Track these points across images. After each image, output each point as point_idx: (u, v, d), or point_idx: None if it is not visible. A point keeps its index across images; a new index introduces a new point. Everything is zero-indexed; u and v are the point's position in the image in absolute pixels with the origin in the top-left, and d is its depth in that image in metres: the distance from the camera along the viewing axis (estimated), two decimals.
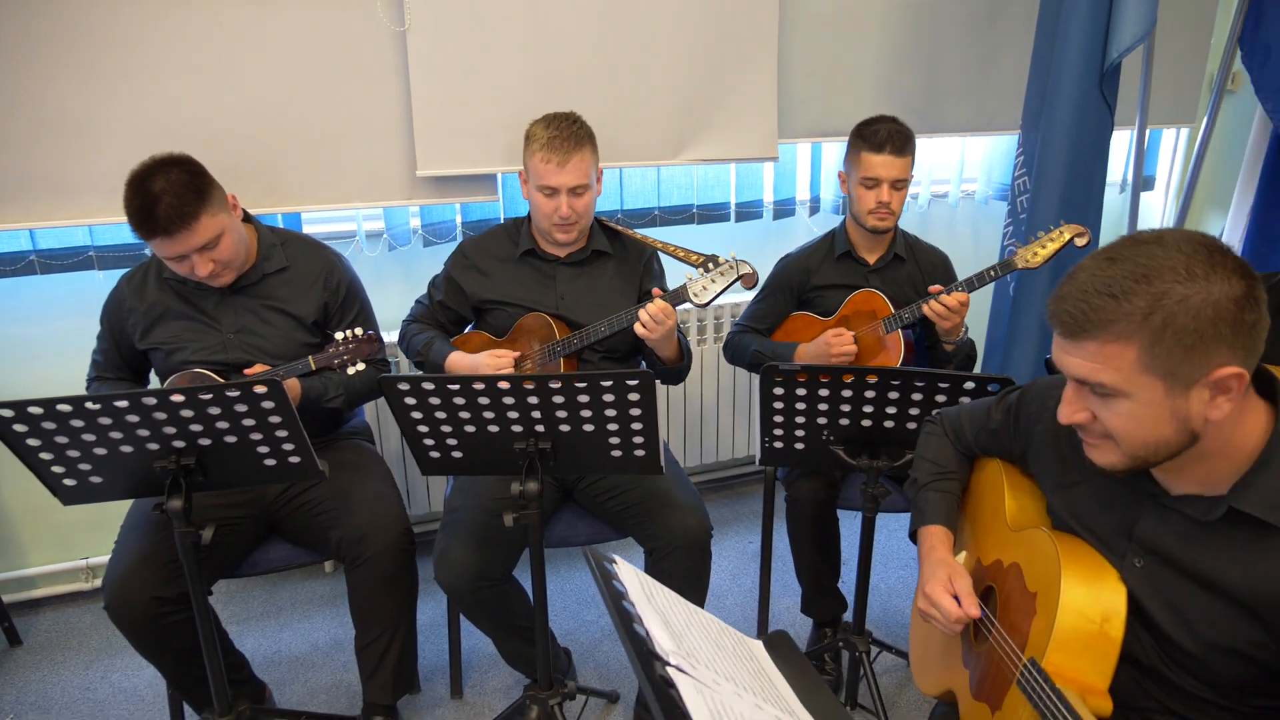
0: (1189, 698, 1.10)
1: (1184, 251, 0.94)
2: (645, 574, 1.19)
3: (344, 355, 1.86)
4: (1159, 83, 3.03)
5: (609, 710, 2.22)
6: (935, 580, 1.29)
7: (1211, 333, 0.93)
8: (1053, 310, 1.02)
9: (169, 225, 1.74)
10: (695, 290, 1.96)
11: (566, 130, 1.97)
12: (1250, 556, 1.01)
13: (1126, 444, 1.02)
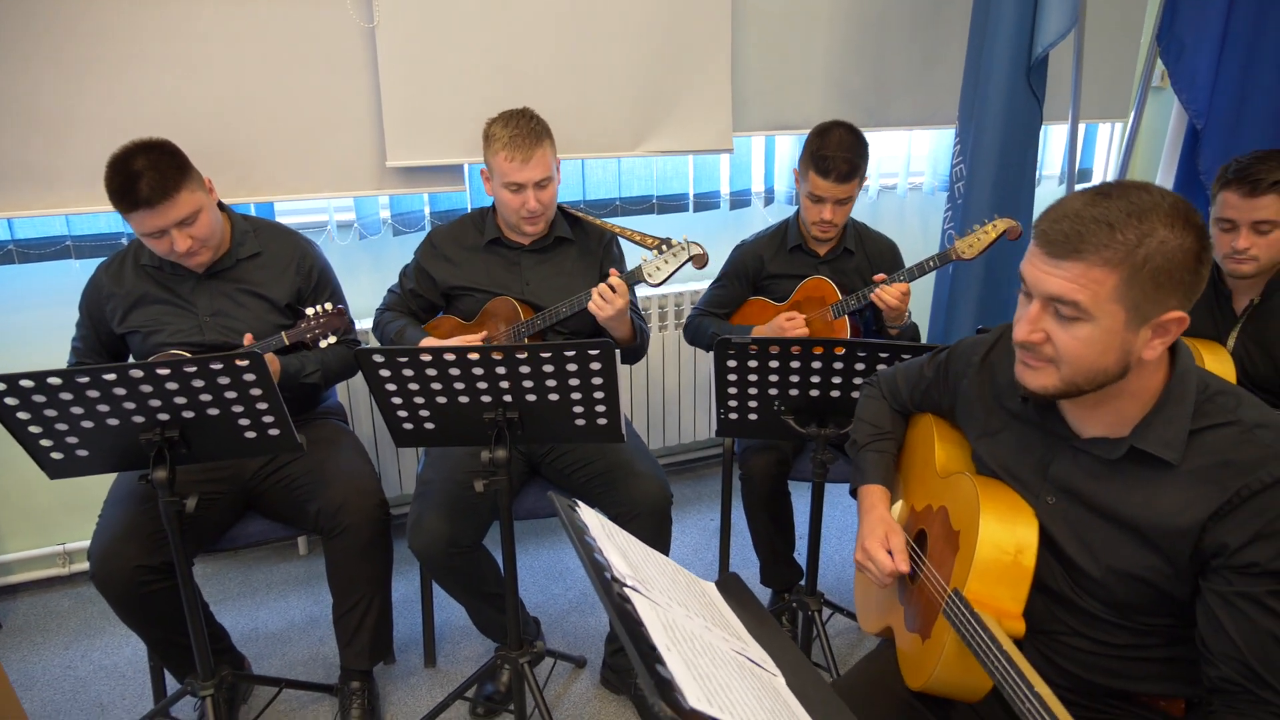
0: (1092, 619, 1.23)
1: (1169, 201, 1.05)
2: (605, 518, 1.31)
3: (316, 330, 1.95)
4: (1093, 80, 3.21)
5: (576, 675, 2.33)
6: (873, 537, 1.40)
7: (1176, 277, 1.04)
8: (1043, 229, 1.09)
9: (151, 197, 1.82)
10: (649, 271, 2.07)
11: (526, 128, 2.06)
12: (1149, 491, 1.13)
13: (1069, 368, 1.11)
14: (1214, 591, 1.09)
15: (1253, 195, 1.82)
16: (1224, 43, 2.35)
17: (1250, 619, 1.06)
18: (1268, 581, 1.05)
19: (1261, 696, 1.05)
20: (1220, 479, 1.08)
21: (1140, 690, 1.25)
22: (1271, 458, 1.06)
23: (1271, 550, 1.04)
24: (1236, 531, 1.06)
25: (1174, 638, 1.17)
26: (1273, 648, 1.05)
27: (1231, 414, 1.11)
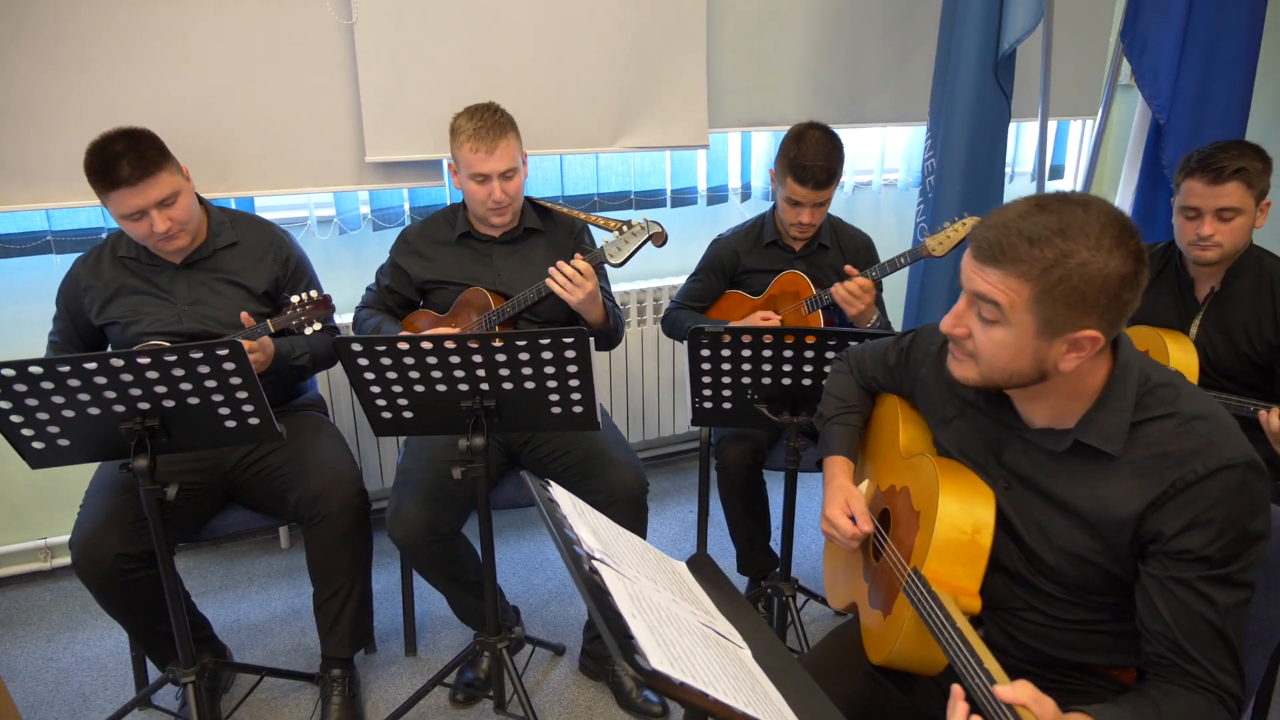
0: (1047, 597, 1.28)
1: (1101, 222, 1.06)
2: (576, 497, 1.34)
3: (301, 317, 1.98)
4: (1063, 78, 3.27)
5: (556, 662, 2.36)
6: (834, 504, 1.45)
7: (1093, 300, 1.06)
8: (977, 234, 1.13)
9: (132, 175, 1.85)
10: (611, 252, 2.11)
11: (490, 120, 2.10)
12: (1094, 481, 1.18)
13: (985, 366, 1.16)
14: (1151, 575, 1.14)
15: (1216, 183, 1.87)
16: (1185, 39, 2.41)
17: (1183, 601, 1.10)
18: (1200, 567, 1.09)
19: (1188, 670, 1.10)
20: (1158, 470, 1.12)
21: (1094, 661, 1.29)
22: (1205, 449, 1.10)
23: (1204, 538, 1.09)
24: (1172, 520, 1.10)
25: (1122, 614, 1.22)
26: (1201, 627, 1.10)
27: (1171, 406, 1.14)
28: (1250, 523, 1.09)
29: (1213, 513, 1.08)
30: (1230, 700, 1.10)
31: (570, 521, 1.22)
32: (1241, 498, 1.08)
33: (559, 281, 2.06)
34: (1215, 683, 1.09)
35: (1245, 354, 1.97)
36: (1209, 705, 1.09)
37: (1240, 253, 1.96)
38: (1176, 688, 1.11)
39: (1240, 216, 1.89)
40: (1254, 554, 1.10)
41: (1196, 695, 1.09)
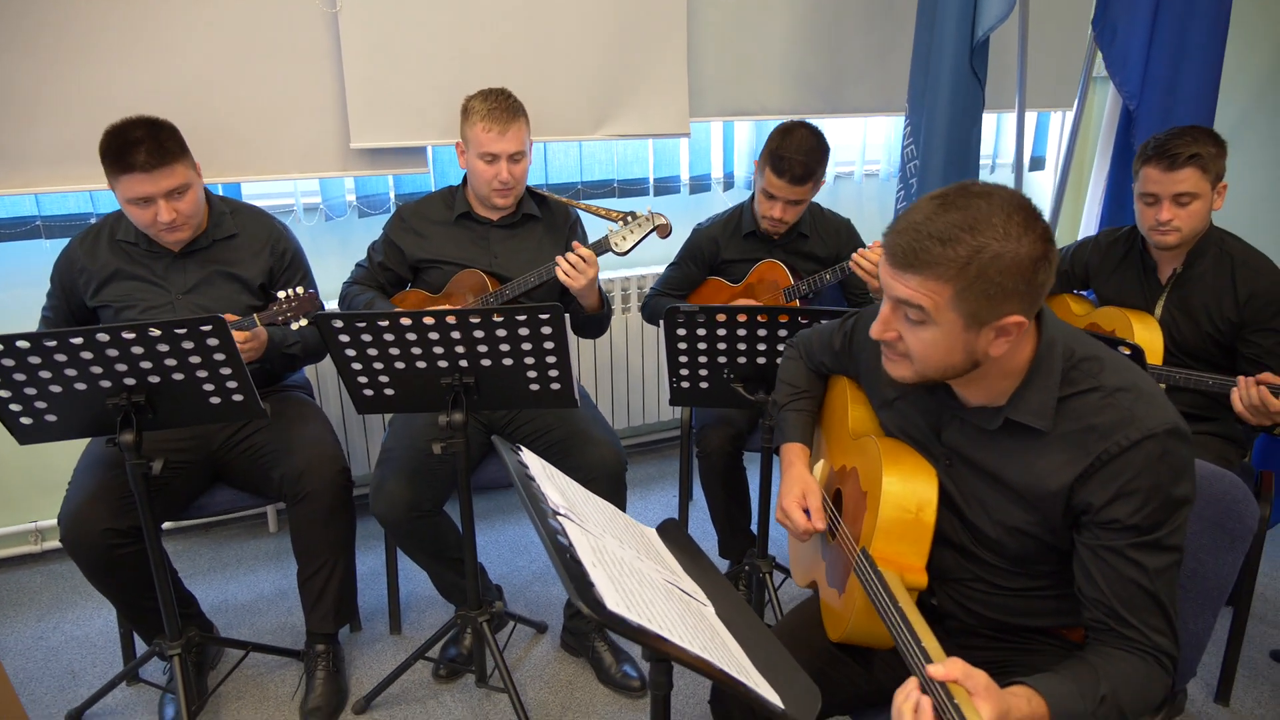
0: (992, 568, 1.32)
1: (1005, 211, 1.09)
2: (548, 463, 1.39)
3: (287, 312, 2.01)
4: (1041, 69, 3.33)
5: (538, 639, 2.41)
6: (790, 496, 1.47)
7: (1010, 287, 1.09)
8: (889, 241, 1.14)
9: (148, 163, 1.89)
10: (615, 241, 2.15)
11: (504, 103, 2.16)
12: (1026, 457, 1.21)
13: (920, 364, 1.19)
14: (1084, 545, 1.18)
15: (1171, 169, 1.92)
16: (1154, 26, 2.46)
17: (1115, 569, 1.15)
18: (1129, 535, 1.13)
19: (1125, 634, 1.15)
20: (1084, 443, 1.16)
21: (1041, 624, 1.34)
22: (1128, 421, 1.13)
23: (1130, 507, 1.12)
24: (1100, 491, 1.14)
25: (1063, 580, 1.26)
26: (1134, 592, 1.14)
27: (1095, 380, 1.17)
28: (1173, 489, 1.12)
29: (1137, 483, 1.12)
30: (1165, 659, 1.14)
31: (539, 483, 1.27)
32: (1164, 466, 1.12)
33: (565, 269, 2.10)
34: (1151, 644, 1.14)
35: (1208, 333, 2.02)
36: (1145, 666, 1.13)
37: (1200, 235, 2.01)
38: (1115, 651, 1.15)
39: (1197, 201, 1.93)
40: (1179, 518, 1.14)
41: (1134, 657, 1.14)
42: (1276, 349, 1.94)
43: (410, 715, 2.12)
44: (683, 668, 1.07)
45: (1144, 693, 1.12)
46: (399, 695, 2.18)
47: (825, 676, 1.41)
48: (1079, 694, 1.06)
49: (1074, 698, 1.06)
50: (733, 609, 1.30)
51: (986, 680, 1.00)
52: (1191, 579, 1.41)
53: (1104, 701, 1.07)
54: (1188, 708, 2.14)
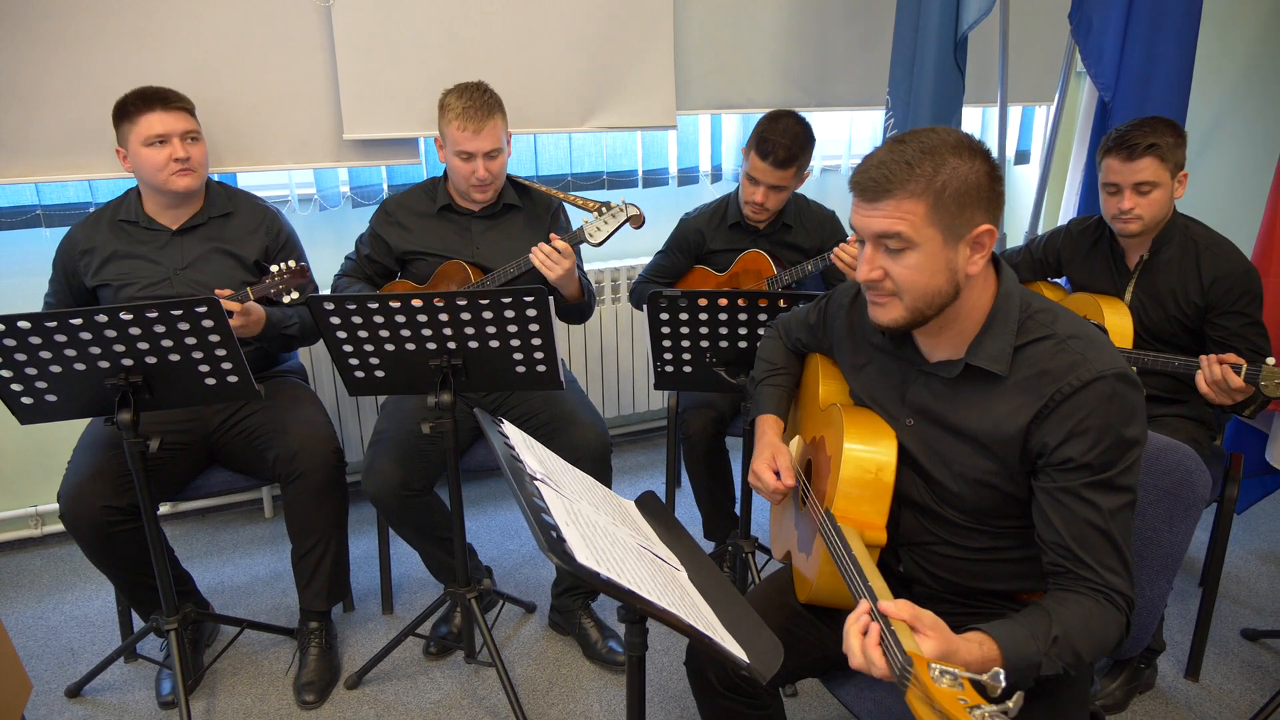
0: (954, 526, 1.38)
1: (954, 138, 1.20)
2: (529, 436, 1.44)
3: (280, 285, 2.07)
4: (1023, 64, 3.38)
5: (527, 619, 2.46)
6: (761, 459, 1.54)
7: (975, 196, 1.19)
8: (856, 180, 1.24)
9: (169, 101, 2.08)
10: (590, 231, 2.21)
11: (479, 100, 2.18)
12: (985, 403, 1.28)
13: (909, 296, 1.23)
14: (1041, 489, 1.24)
15: (1131, 159, 1.98)
16: (1128, 20, 2.52)
17: (1070, 509, 1.20)
18: (1083, 474, 1.19)
19: (1081, 574, 1.20)
20: (1039, 386, 1.22)
21: (1003, 588, 1.39)
22: (1080, 364, 1.20)
23: (1084, 446, 1.19)
24: (1054, 431, 1.20)
25: (1025, 539, 1.31)
26: (1089, 532, 1.19)
27: (1049, 328, 1.25)
28: (1124, 429, 1.19)
29: (1089, 421, 1.18)
30: (1120, 599, 1.19)
31: (519, 451, 1.32)
32: (1113, 405, 1.18)
33: (540, 259, 2.15)
34: (1104, 582, 1.19)
35: (1175, 317, 2.07)
36: (1099, 606, 1.18)
37: (1163, 223, 2.06)
38: (1069, 594, 1.20)
39: (1157, 190, 1.99)
40: (1130, 458, 1.20)
41: (1087, 598, 1.19)
42: (1241, 331, 2.00)
43: (401, 690, 2.18)
44: (661, 634, 1.12)
45: (1098, 633, 1.17)
46: (390, 671, 2.24)
47: (794, 637, 1.47)
48: (1031, 636, 1.11)
49: (1026, 640, 1.10)
50: (705, 574, 1.36)
51: (933, 619, 1.05)
52: (1147, 547, 1.47)
53: (1056, 642, 1.12)
54: (1158, 683, 2.20)
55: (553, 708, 2.12)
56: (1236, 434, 2.71)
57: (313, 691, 2.14)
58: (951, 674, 0.91)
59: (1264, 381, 1.73)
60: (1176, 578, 2.56)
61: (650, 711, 2.11)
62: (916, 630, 1.03)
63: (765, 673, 1.12)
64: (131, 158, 2.09)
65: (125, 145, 2.08)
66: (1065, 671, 1.13)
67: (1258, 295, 2.01)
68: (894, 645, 1.00)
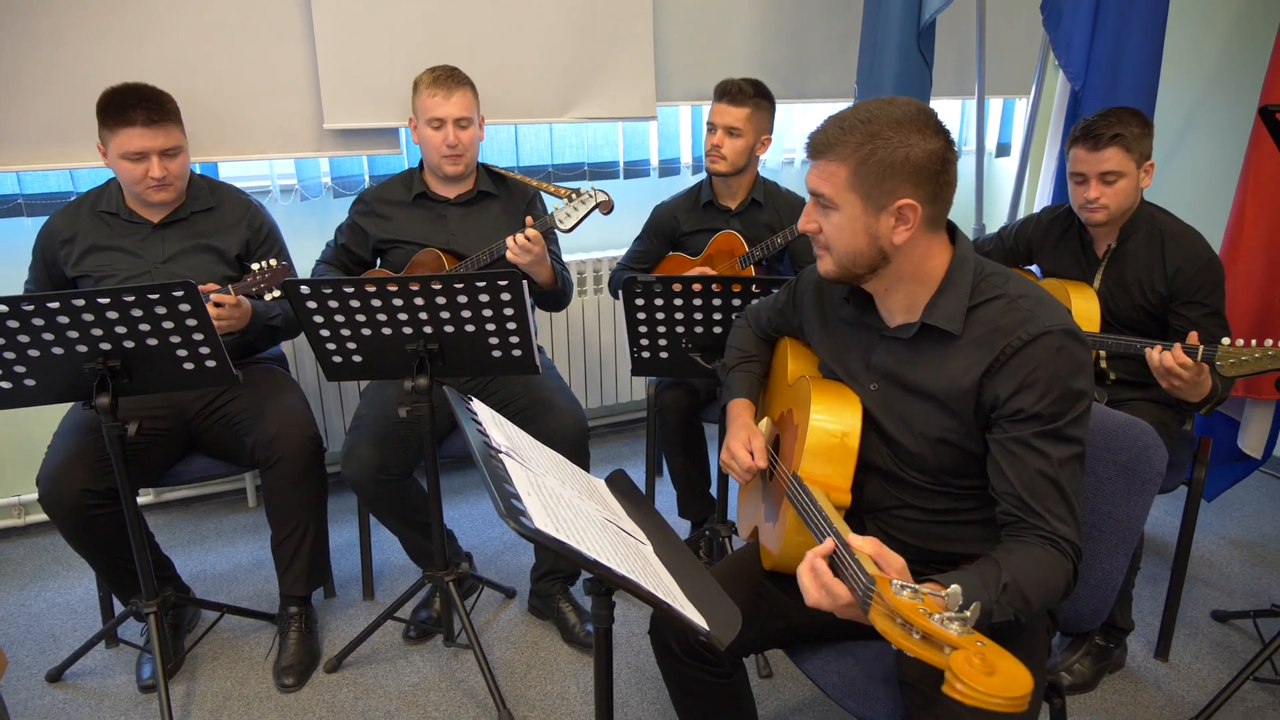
0: (916, 489, 1.42)
1: (903, 111, 1.25)
2: (497, 413, 1.47)
3: (261, 283, 2.08)
4: (1000, 56, 3.42)
5: (507, 604, 2.49)
6: (735, 440, 1.57)
7: (900, 171, 1.24)
8: (808, 140, 1.33)
9: (149, 117, 2.02)
10: (560, 218, 2.23)
11: (449, 72, 2.26)
12: (940, 361, 1.33)
13: (836, 253, 1.33)
14: (995, 440, 1.28)
15: (1096, 149, 2.01)
16: (1098, 9, 2.55)
17: (1021, 459, 1.25)
18: (1033, 424, 1.24)
19: (1031, 522, 1.24)
20: (990, 342, 1.28)
21: (966, 551, 1.43)
22: (1029, 319, 1.26)
23: (1033, 396, 1.23)
24: (1005, 384, 1.25)
25: (983, 500, 1.35)
26: (1039, 480, 1.23)
27: (1001, 289, 1.30)
28: (1072, 382, 1.23)
29: (1038, 374, 1.23)
30: (1067, 545, 1.23)
31: (485, 427, 1.35)
32: (1061, 358, 1.23)
33: (513, 249, 2.18)
34: (1052, 530, 1.23)
35: (1140, 304, 2.10)
36: (1046, 553, 1.22)
37: (1130, 212, 2.09)
38: (1018, 542, 1.24)
39: (1123, 179, 2.02)
40: (1078, 410, 1.24)
41: (1035, 546, 1.22)
42: (1201, 322, 2.02)
43: (380, 674, 2.20)
44: (637, 617, 1.13)
45: (1046, 578, 1.20)
46: (369, 655, 2.26)
47: (758, 609, 1.50)
48: (981, 584, 1.15)
49: (976, 588, 1.14)
50: (669, 547, 1.39)
51: (901, 564, 1.10)
52: (1105, 522, 1.50)
53: (1006, 589, 1.15)
54: (1128, 663, 2.23)
55: (530, 689, 2.15)
56: (1208, 420, 2.75)
57: (292, 675, 2.15)
58: (912, 588, 0.97)
59: (1220, 361, 1.76)
60: (1149, 561, 2.62)
61: (627, 691, 2.13)
62: (881, 568, 1.08)
63: (723, 639, 1.14)
64: (110, 160, 2.09)
65: (105, 145, 2.08)
66: (1016, 618, 1.17)
67: (1219, 286, 2.04)
68: (857, 569, 1.05)
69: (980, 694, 0.82)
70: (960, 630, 0.89)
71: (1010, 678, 0.83)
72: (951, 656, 0.86)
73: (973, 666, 0.84)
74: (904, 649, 0.92)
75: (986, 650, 0.86)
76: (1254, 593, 2.53)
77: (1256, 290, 2.51)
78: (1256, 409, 2.62)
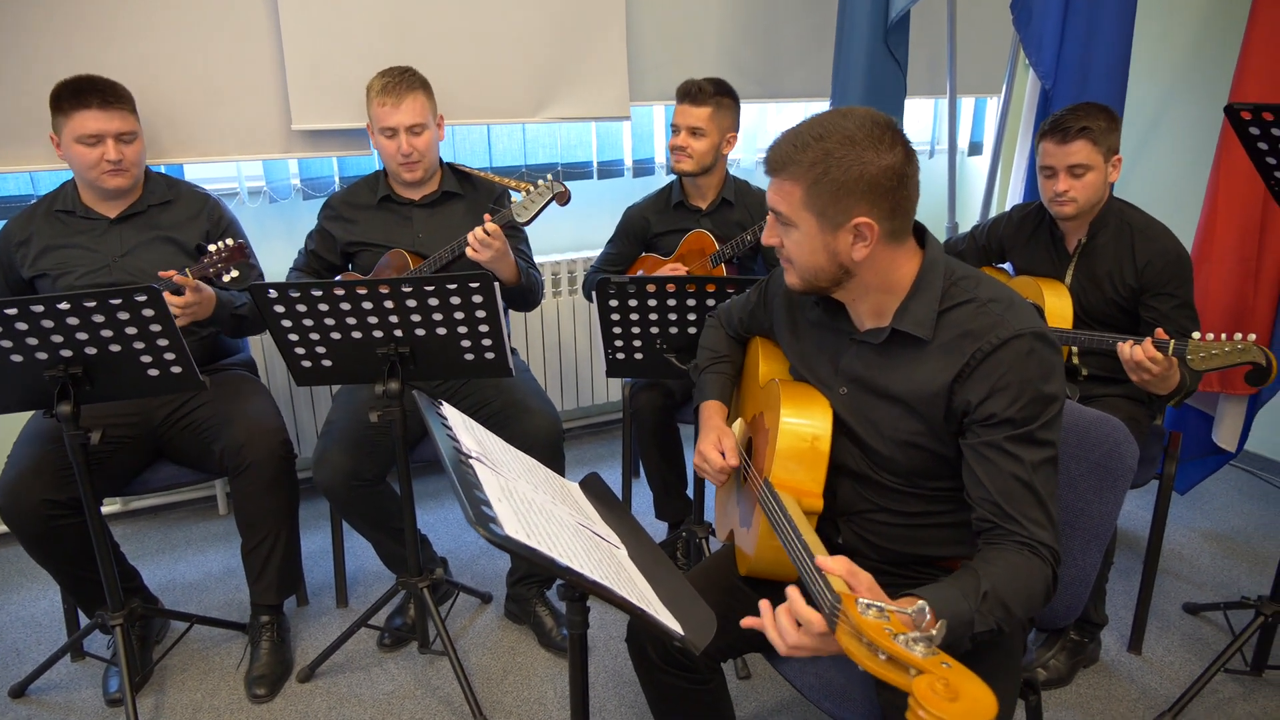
0: (888, 491, 1.41)
1: (857, 125, 1.22)
2: (468, 417, 1.45)
3: (218, 263, 2.04)
4: (972, 56, 3.44)
5: (483, 609, 2.46)
6: (707, 441, 1.56)
7: (855, 190, 1.21)
8: (766, 156, 1.32)
9: (104, 100, 2.02)
10: (518, 211, 2.20)
11: (399, 77, 2.21)
12: (911, 366, 1.32)
13: (798, 268, 1.32)
14: (969, 446, 1.27)
15: (1064, 142, 2.03)
16: (1067, 8, 2.57)
17: (995, 464, 1.24)
18: (1005, 429, 1.23)
19: (1007, 529, 1.23)
20: (960, 347, 1.26)
21: (937, 554, 1.42)
22: (998, 324, 1.24)
23: (1005, 401, 1.22)
24: (976, 389, 1.24)
25: (956, 502, 1.34)
26: (1014, 485, 1.23)
27: (971, 293, 1.29)
28: (1043, 385, 1.23)
29: (1009, 378, 1.22)
30: (1045, 550, 1.22)
31: (456, 432, 1.33)
32: (1031, 362, 1.22)
33: (472, 245, 2.15)
34: (1030, 535, 1.22)
35: (1111, 299, 2.12)
36: (1025, 560, 1.21)
37: (1099, 206, 2.11)
38: (995, 550, 1.23)
39: (1091, 173, 2.04)
40: (1050, 413, 1.24)
41: (1013, 553, 1.21)
42: (1171, 313, 2.04)
43: (354, 682, 2.17)
44: (615, 621, 1.12)
45: (1026, 585, 1.19)
46: (344, 664, 2.23)
47: (734, 612, 1.48)
48: (961, 595, 1.13)
49: (956, 599, 1.13)
50: (644, 551, 1.37)
51: (870, 581, 1.08)
52: (1078, 519, 1.50)
53: (986, 598, 1.14)
54: (1102, 657, 2.25)
55: (507, 695, 2.13)
56: (1180, 415, 2.78)
57: (264, 685, 2.12)
58: (878, 607, 0.94)
59: (1190, 355, 1.78)
60: (1122, 555, 2.64)
61: (605, 696, 2.12)
62: (852, 587, 1.06)
63: (698, 644, 1.13)
64: (64, 149, 2.06)
65: (59, 134, 2.05)
66: (998, 627, 1.15)
67: (1188, 278, 2.06)
68: (825, 588, 1.03)
69: None
70: (925, 652, 0.87)
71: (974, 701, 0.81)
72: (915, 682, 0.84)
73: (936, 693, 0.82)
74: (869, 670, 0.90)
75: (951, 673, 0.84)
76: (1224, 585, 2.56)
77: (1229, 286, 2.54)
78: (1230, 403, 2.66)
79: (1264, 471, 3.20)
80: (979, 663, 1.30)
